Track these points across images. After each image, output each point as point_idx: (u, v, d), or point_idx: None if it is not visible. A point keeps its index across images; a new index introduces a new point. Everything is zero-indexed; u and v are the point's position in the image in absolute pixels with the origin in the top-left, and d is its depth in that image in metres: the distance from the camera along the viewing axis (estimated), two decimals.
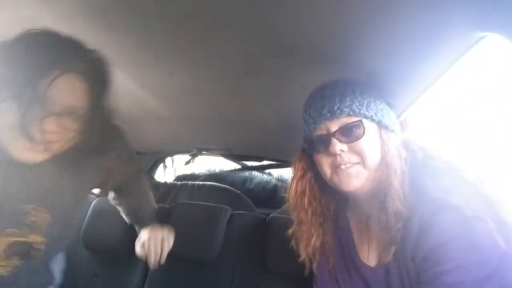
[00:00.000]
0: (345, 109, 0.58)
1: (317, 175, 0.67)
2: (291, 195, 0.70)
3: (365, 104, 0.60)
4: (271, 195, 1.84)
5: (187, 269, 1.06)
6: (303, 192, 0.69)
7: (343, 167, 0.59)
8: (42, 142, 0.50)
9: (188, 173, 1.92)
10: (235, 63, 0.72)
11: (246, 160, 1.85)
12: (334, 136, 0.59)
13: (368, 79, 0.65)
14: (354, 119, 0.59)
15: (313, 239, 0.69)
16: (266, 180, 1.90)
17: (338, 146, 0.58)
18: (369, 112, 0.59)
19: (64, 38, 0.51)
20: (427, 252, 0.51)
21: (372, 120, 0.60)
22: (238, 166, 1.92)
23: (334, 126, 0.59)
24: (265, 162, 1.78)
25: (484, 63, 0.60)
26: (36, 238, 0.65)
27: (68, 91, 0.50)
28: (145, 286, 1.04)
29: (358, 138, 0.58)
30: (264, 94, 0.87)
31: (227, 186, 1.69)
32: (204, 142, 1.49)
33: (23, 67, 0.46)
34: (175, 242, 1.05)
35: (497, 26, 0.47)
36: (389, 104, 0.65)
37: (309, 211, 0.68)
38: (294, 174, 0.71)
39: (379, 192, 0.59)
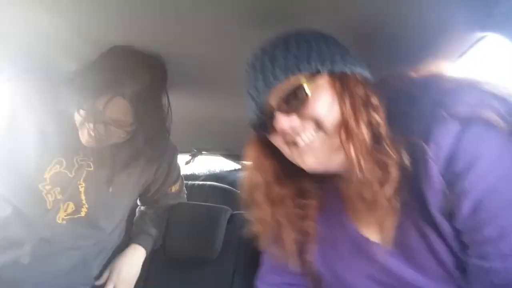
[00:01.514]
0: (278, 71, 0.44)
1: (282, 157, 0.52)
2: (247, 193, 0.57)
3: (305, 55, 0.45)
4: None
5: (187, 269, 1.06)
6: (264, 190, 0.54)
7: (301, 142, 0.45)
8: (95, 138, 0.68)
9: (188, 173, 1.92)
10: (235, 64, 0.72)
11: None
12: (278, 110, 0.45)
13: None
14: (294, 81, 0.44)
15: (291, 238, 0.54)
16: None
17: (284, 121, 0.44)
18: (312, 64, 0.44)
19: (121, 66, 0.65)
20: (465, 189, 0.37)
21: (318, 71, 0.44)
22: (238, 166, 1.92)
23: (275, 98, 0.46)
24: None
25: (484, 63, 0.60)
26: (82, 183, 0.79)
27: (115, 109, 0.65)
28: (144, 286, 1.04)
29: (304, 103, 0.44)
30: None
31: (227, 186, 1.69)
32: (204, 142, 1.49)
33: (89, 87, 0.63)
34: (175, 243, 1.05)
35: (497, 26, 0.47)
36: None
37: (279, 207, 0.54)
38: (251, 165, 0.57)
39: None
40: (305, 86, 0.44)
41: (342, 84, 0.45)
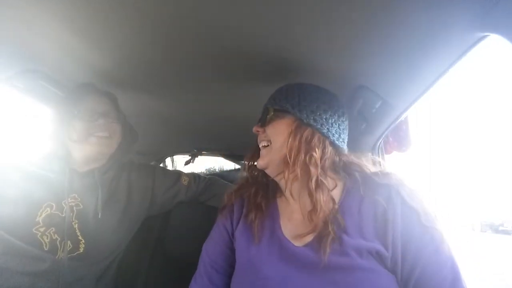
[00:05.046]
0: (275, 100, 0.68)
1: None
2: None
3: (296, 101, 0.65)
4: None
5: (187, 269, 1.06)
6: None
7: (260, 144, 0.70)
8: (102, 140, 0.83)
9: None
10: (236, 65, 0.72)
11: None
12: (259, 121, 0.71)
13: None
14: (271, 110, 0.68)
15: None
16: None
17: (256, 127, 0.70)
18: (294, 109, 0.64)
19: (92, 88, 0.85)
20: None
21: (293, 114, 0.64)
22: (238, 166, 1.92)
23: (266, 113, 0.70)
24: None
25: (484, 63, 0.60)
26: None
27: (99, 104, 0.84)
28: (145, 286, 1.04)
29: (266, 125, 0.68)
30: (263, 95, 0.87)
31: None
32: (204, 142, 1.49)
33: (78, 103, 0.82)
34: (175, 243, 1.05)
35: (497, 26, 0.47)
36: (336, 112, 0.67)
37: None
38: None
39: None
40: (275, 117, 0.67)
41: (301, 130, 0.63)
